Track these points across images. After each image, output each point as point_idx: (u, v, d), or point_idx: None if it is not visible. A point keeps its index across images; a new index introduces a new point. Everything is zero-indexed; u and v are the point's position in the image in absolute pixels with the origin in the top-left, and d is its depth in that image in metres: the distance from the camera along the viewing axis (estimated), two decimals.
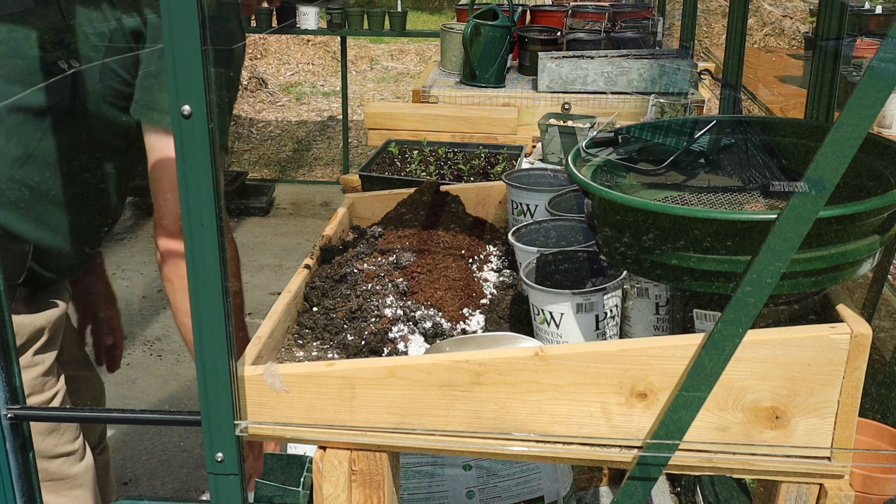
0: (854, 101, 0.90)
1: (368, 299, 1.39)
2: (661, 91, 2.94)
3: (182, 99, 0.92)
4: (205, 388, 1.03)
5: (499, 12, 3.19)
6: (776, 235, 0.95)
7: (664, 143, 1.42)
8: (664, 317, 1.30)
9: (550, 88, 3.05)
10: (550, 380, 1.07)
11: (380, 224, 1.70)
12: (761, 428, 1.06)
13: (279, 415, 1.11)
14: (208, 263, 0.98)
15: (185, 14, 0.89)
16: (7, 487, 1.13)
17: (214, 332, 1.01)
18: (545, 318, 1.27)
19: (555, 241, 1.52)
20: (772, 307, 1.12)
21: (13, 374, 1.11)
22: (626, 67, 2.99)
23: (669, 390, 1.05)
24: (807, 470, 1.07)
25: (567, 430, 1.09)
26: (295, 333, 1.34)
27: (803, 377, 1.03)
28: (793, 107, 4.20)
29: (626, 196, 1.14)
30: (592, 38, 3.32)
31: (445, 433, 1.10)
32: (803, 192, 0.93)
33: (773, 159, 1.38)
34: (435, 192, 1.76)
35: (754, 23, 8.67)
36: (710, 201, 1.31)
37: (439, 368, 1.08)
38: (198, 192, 0.95)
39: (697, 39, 3.54)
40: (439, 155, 2.42)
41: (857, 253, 1.05)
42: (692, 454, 1.07)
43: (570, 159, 1.31)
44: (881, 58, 0.89)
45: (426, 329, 1.34)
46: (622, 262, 1.16)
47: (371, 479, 1.13)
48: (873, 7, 5.52)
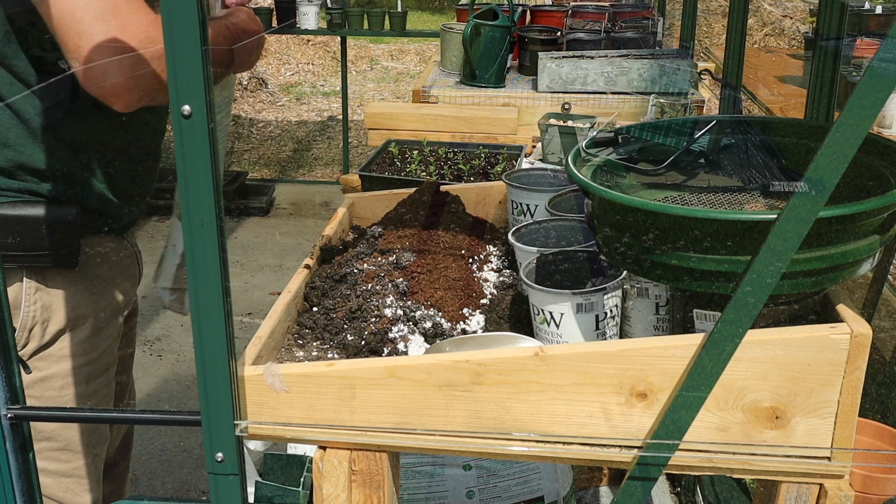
0: (854, 101, 0.90)
1: (368, 299, 1.39)
2: (661, 91, 2.94)
3: (182, 99, 0.92)
4: (205, 388, 1.03)
5: (499, 12, 3.18)
6: (776, 235, 0.95)
7: (664, 143, 1.42)
8: (664, 317, 1.30)
9: (550, 88, 3.05)
10: (550, 380, 1.07)
11: (380, 224, 1.70)
12: (761, 428, 1.06)
13: (279, 415, 1.11)
14: (208, 263, 0.98)
15: (185, 14, 0.89)
16: (7, 487, 1.13)
17: (214, 331, 1.01)
18: (545, 318, 1.27)
19: (555, 241, 1.52)
20: (772, 307, 1.12)
21: (13, 374, 1.11)
22: (626, 67, 2.99)
23: (669, 390, 1.05)
24: (807, 470, 1.07)
25: (567, 430, 1.09)
26: (295, 333, 1.34)
27: (803, 377, 1.03)
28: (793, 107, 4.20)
29: (626, 196, 1.14)
30: (592, 38, 3.32)
31: (445, 433, 1.10)
32: (803, 192, 0.93)
33: (773, 159, 1.38)
34: (435, 192, 1.76)
35: (754, 23, 8.68)
36: (710, 201, 1.31)
37: (439, 368, 1.08)
38: (198, 192, 0.95)
39: (697, 39, 3.54)
40: (439, 155, 2.42)
41: (857, 253, 1.05)
42: (692, 454, 1.07)
43: (570, 159, 1.31)
44: (881, 58, 0.89)
45: (426, 329, 1.34)
46: (622, 262, 1.16)
47: (371, 479, 1.13)
48: (873, 7, 5.52)
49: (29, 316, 1.51)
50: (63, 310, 1.55)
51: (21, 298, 1.50)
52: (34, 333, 1.53)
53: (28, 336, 1.52)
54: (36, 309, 1.52)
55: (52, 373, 1.56)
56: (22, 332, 1.51)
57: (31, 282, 1.50)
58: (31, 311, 1.51)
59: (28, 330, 1.52)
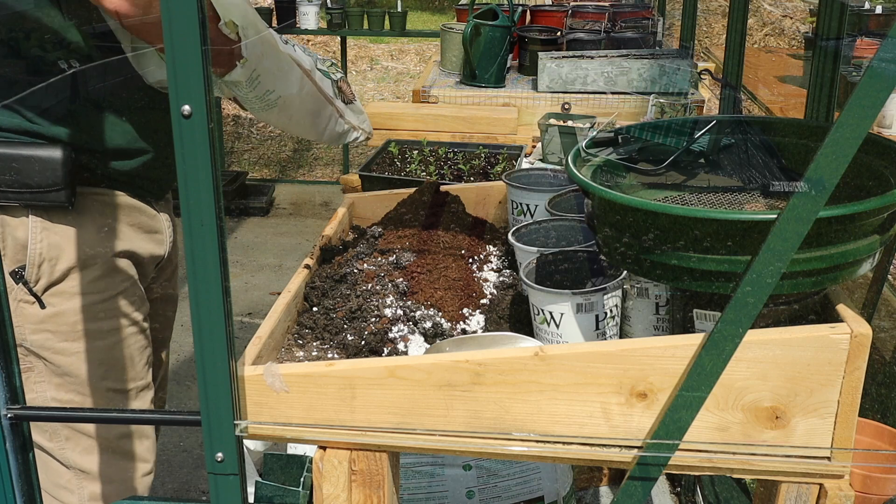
0: (854, 101, 0.90)
1: (368, 299, 1.39)
2: (661, 91, 2.94)
3: (182, 99, 0.92)
4: (205, 388, 1.03)
5: (499, 12, 3.19)
6: (776, 235, 0.95)
7: (664, 143, 1.42)
8: (664, 317, 1.30)
9: (550, 88, 3.05)
10: (550, 380, 1.07)
11: (380, 224, 1.70)
12: (761, 428, 1.06)
13: (279, 415, 1.11)
14: (208, 263, 0.98)
15: (185, 14, 0.89)
16: (7, 487, 1.13)
17: (214, 331, 1.01)
18: (545, 318, 1.27)
19: (555, 241, 1.52)
20: (772, 307, 1.12)
21: (13, 374, 1.11)
22: (626, 67, 2.99)
23: (669, 390, 1.05)
24: (807, 470, 1.07)
25: (567, 430, 1.09)
26: (295, 333, 1.34)
27: (803, 377, 1.03)
28: (793, 107, 4.19)
29: (626, 196, 1.14)
30: (592, 38, 3.32)
31: (445, 433, 1.10)
32: (803, 192, 0.93)
33: (773, 159, 1.38)
34: (435, 192, 1.76)
35: (754, 23, 8.67)
36: (710, 201, 1.31)
37: (439, 368, 1.08)
38: (198, 192, 0.95)
39: (697, 39, 3.54)
40: (439, 155, 2.42)
41: (857, 253, 1.06)
42: (692, 454, 1.07)
43: (570, 159, 1.31)
44: (881, 58, 0.89)
45: (426, 329, 1.34)
46: (622, 262, 1.16)
47: (371, 479, 1.13)
48: (873, 7, 5.52)
49: (36, 252, 1.57)
50: (71, 248, 1.60)
51: (28, 235, 1.56)
52: (43, 270, 1.58)
53: (38, 272, 1.58)
54: (43, 246, 1.57)
55: (64, 308, 1.61)
56: (32, 268, 1.57)
57: (36, 219, 1.56)
58: (38, 247, 1.57)
59: (37, 266, 1.58)
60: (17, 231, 1.55)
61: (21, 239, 1.55)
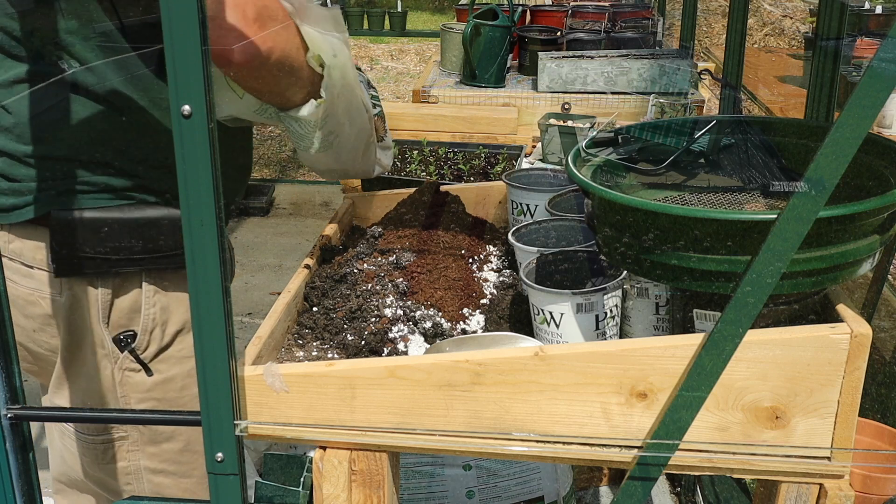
0: (854, 101, 0.90)
1: (368, 299, 1.39)
2: (661, 91, 2.94)
3: (182, 99, 0.92)
4: (205, 388, 1.03)
5: (499, 12, 3.19)
6: (776, 235, 0.95)
7: (664, 143, 1.42)
8: (664, 317, 1.30)
9: (550, 88, 3.05)
10: (550, 380, 1.07)
11: (380, 224, 1.70)
12: (761, 428, 1.06)
13: (279, 415, 1.11)
14: (208, 263, 0.98)
15: (185, 14, 0.89)
16: (7, 487, 1.13)
17: (214, 331, 1.01)
18: (545, 318, 1.27)
19: (555, 241, 1.52)
20: (772, 307, 1.12)
21: (13, 374, 1.11)
22: (626, 67, 2.99)
23: (669, 390, 1.05)
24: (807, 470, 1.07)
25: (567, 430, 1.09)
26: (295, 333, 1.34)
27: (803, 377, 1.03)
28: (793, 107, 4.20)
29: (626, 196, 1.14)
30: (592, 38, 3.32)
31: (445, 433, 1.10)
32: (803, 192, 0.93)
33: (773, 159, 1.38)
34: (435, 192, 1.76)
35: (754, 23, 8.68)
36: (710, 201, 1.31)
37: (439, 368, 1.08)
38: (198, 192, 0.95)
39: (697, 39, 3.55)
40: (439, 155, 2.43)
41: (857, 253, 1.06)
42: (692, 454, 1.07)
43: (570, 159, 1.31)
44: (881, 58, 0.89)
45: (426, 329, 1.34)
46: (622, 262, 1.16)
47: (371, 479, 1.13)
48: (873, 7, 5.53)
49: (149, 319, 1.49)
50: (180, 310, 1.53)
51: (141, 302, 1.48)
52: (154, 336, 1.51)
53: (149, 339, 1.50)
54: (156, 311, 1.49)
55: (173, 374, 1.54)
56: (144, 336, 1.49)
57: (149, 285, 1.48)
58: (150, 313, 1.49)
59: (149, 332, 1.50)
60: (125, 296, 1.46)
61: (130, 304, 1.46)
